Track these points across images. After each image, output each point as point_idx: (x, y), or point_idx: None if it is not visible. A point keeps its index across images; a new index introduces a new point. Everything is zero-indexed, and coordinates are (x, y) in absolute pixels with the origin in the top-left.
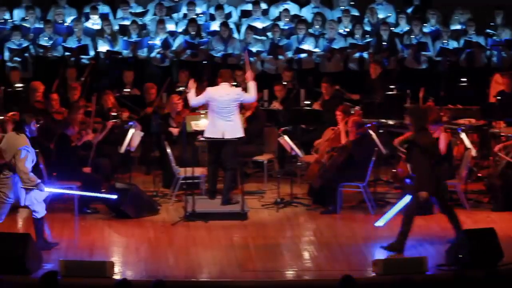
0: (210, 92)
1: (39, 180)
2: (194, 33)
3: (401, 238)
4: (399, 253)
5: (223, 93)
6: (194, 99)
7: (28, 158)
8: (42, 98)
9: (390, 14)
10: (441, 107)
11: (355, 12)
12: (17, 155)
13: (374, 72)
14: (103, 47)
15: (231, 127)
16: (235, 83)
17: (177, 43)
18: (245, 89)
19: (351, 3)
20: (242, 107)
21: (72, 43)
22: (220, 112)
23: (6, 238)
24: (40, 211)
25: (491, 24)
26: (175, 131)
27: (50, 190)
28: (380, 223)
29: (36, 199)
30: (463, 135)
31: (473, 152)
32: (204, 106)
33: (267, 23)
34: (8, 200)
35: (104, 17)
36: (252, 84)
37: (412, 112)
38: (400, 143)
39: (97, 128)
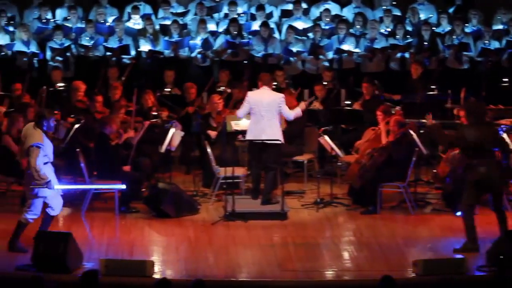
0: (251, 96)
1: (49, 179)
2: (235, 33)
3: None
4: (476, 251)
5: (265, 97)
6: (239, 112)
7: (40, 155)
8: (84, 97)
9: (432, 15)
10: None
11: (397, 12)
12: (30, 151)
13: (415, 72)
14: (145, 46)
15: (271, 130)
16: (275, 83)
17: (218, 43)
18: (279, 90)
19: (393, 3)
20: None
21: (113, 43)
22: (262, 115)
23: (48, 236)
24: (56, 207)
25: None
26: (213, 134)
27: (61, 187)
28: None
29: (53, 195)
30: (504, 136)
31: None
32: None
33: (308, 23)
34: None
35: (146, 17)
36: (298, 110)
37: (469, 106)
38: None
39: (138, 127)
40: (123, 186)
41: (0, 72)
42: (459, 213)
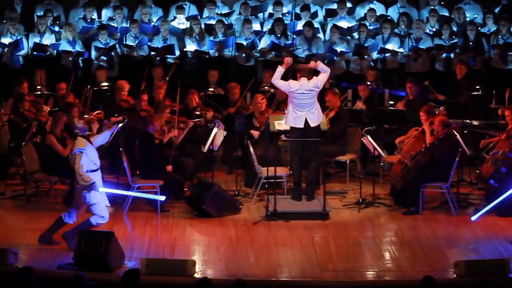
0: (292, 83)
1: (93, 181)
2: (280, 32)
3: None
4: None
5: (305, 86)
6: (277, 79)
7: (82, 158)
8: (128, 97)
9: (477, 15)
10: None
11: (445, 12)
12: (73, 158)
13: (460, 73)
14: (191, 46)
15: (313, 117)
16: None
17: (263, 43)
18: (323, 90)
19: (442, 3)
20: (326, 107)
21: (157, 42)
22: (302, 104)
23: (90, 235)
24: (98, 215)
25: None
26: (255, 133)
27: (105, 190)
28: (474, 217)
29: (98, 201)
30: None
31: None
32: (286, 107)
33: (352, 23)
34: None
35: (193, 17)
36: (320, 65)
37: None
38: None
39: (183, 127)
40: (162, 198)
41: (45, 71)
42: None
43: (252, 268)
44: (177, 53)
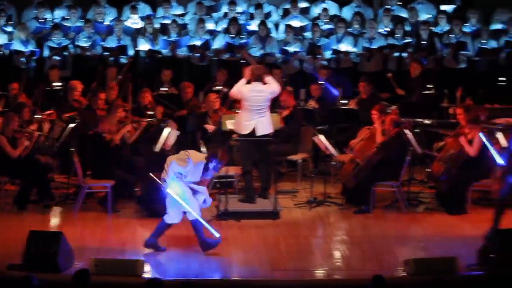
0: (243, 89)
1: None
2: (235, 32)
3: None
4: None
5: (256, 94)
6: (235, 91)
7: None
8: (80, 97)
9: (430, 15)
10: (479, 106)
11: (402, 12)
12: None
13: (414, 72)
14: (144, 46)
15: (262, 124)
16: None
17: (217, 43)
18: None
19: (398, 3)
20: (280, 106)
21: (111, 42)
22: (252, 110)
23: (39, 236)
24: (169, 214)
25: None
26: (210, 128)
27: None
28: None
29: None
30: (499, 135)
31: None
32: (240, 106)
33: (306, 22)
34: None
35: (147, 16)
36: (269, 77)
37: None
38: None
39: (136, 127)
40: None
41: None
42: None
43: (203, 268)
44: (131, 52)
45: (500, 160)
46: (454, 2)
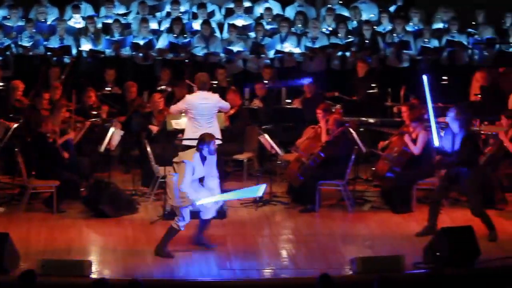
0: (189, 99)
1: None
2: (178, 31)
3: None
4: None
5: (202, 102)
6: (174, 108)
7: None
8: (22, 97)
9: (373, 15)
10: (422, 105)
11: (344, 11)
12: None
13: (361, 71)
14: (86, 46)
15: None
16: (216, 82)
17: (161, 43)
18: (221, 88)
19: (340, 2)
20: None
21: (54, 42)
22: (200, 119)
23: None
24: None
25: (473, 23)
26: (154, 128)
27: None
28: None
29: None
30: (442, 133)
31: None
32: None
33: (249, 22)
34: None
35: (88, 16)
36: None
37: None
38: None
39: (80, 127)
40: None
41: None
42: None
43: (150, 268)
44: (74, 52)
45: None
46: (396, 2)
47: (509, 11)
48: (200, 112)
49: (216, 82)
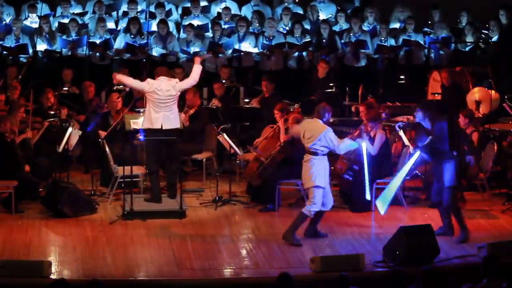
0: (150, 82)
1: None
2: (135, 31)
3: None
4: None
5: (164, 87)
6: (132, 81)
7: None
8: None
9: (332, 15)
10: (380, 104)
11: (299, 10)
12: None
13: (323, 71)
14: (42, 45)
15: (169, 120)
16: None
17: (118, 43)
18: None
19: (296, 0)
20: (186, 105)
21: (10, 42)
22: (158, 104)
23: None
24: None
25: (429, 22)
26: (102, 134)
27: None
28: (381, 211)
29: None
30: (401, 133)
31: (411, 149)
32: (144, 104)
33: (206, 21)
34: None
35: (42, 16)
36: (197, 68)
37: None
38: None
39: (37, 127)
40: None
41: None
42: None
43: (109, 268)
44: (30, 52)
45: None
46: (353, 2)
47: (465, 10)
48: (159, 96)
49: None
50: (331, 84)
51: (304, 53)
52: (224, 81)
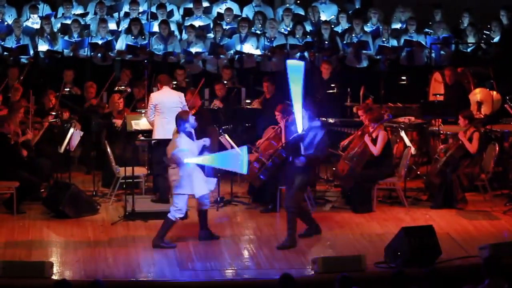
0: (155, 97)
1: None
2: (137, 32)
3: None
4: None
5: (168, 97)
6: (148, 116)
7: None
8: None
9: (333, 16)
10: (381, 105)
11: (300, 11)
12: None
13: (326, 72)
14: (43, 46)
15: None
16: (175, 82)
17: (119, 43)
18: (180, 89)
19: (297, 1)
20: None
21: (11, 42)
22: (168, 114)
23: None
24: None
25: (430, 22)
26: (118, 122)
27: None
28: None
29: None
30: (402, 133)
31: (412, 150)
32: (144, 105)
33: (207, 22)
34: None
35: (44, 17)
36: None
37: None
38: None
39: (38, 128)
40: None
41: None
42: None
43: (111, 269)
44: (32, 53)
45: None
46: (354, 3)
47: (466, 11)
48: (167, 106)
49: (175, 82)
50: (332, 85)
51: (305, 54)
52: (225, 82)
